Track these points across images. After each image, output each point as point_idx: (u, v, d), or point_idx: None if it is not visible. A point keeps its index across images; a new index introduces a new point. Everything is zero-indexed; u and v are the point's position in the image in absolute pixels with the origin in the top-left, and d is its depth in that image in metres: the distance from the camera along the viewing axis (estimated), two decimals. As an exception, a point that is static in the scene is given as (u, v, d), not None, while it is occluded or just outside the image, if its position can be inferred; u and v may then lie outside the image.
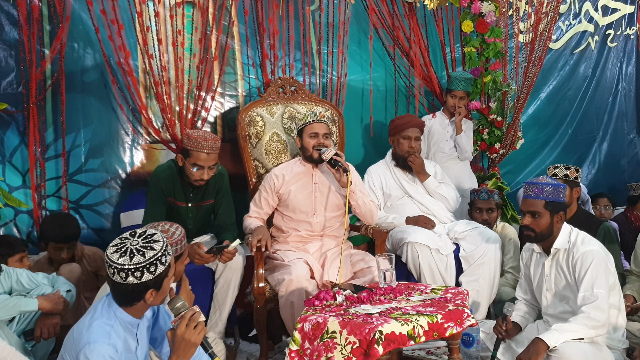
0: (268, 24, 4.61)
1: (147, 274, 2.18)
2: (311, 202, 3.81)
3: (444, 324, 2.73)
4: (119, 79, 4.28)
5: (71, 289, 3.29)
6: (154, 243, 2.22)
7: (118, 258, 2.17)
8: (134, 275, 2.17)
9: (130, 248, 2.18)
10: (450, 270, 3.96)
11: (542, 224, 3.14)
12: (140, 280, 2.18)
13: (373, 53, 5.04)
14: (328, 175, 3.81)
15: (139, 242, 2.20)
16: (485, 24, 5.06)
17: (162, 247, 2.22)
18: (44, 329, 3.00)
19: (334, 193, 3.84)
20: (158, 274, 2.21)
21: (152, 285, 2.22)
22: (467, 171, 4.96)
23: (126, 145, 4.41)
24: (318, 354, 2.64)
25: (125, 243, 2.20)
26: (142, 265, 2.17)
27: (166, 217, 3.68)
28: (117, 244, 2.21)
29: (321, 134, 3.78)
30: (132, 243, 2.20)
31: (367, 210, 3.84)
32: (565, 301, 3.18)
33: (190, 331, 2.21)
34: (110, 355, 2.15)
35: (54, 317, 3.10)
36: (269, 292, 3.63)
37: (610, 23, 6.34)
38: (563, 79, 6.08)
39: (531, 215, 3.15)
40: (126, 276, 2.17)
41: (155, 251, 2.20)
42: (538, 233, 3.16)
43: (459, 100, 4.85)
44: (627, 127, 6.51)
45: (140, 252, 2.18)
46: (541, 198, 3.13)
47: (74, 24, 4.19)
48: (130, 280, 2.18)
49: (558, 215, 3.16)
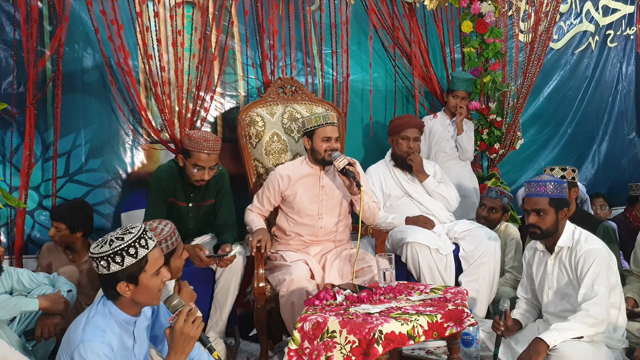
0: (268, 24, 4.61)
1: (113, 264, 2.17)
2: (317, 205, 3.79)
3: (444, 324, 2.74)
4: (118, 80, 4.29)
5: (72, 289, 3.29)
6: (127, 234, 2.20)
7: (94, 246, 2.20)
8: (101, 264, 2.19)
9: (107, 239, 2.20)
10: (450, 270, 3.96)
11: (548, 221, 3.15)
12: (109, 271, 2.18)
13: (373, 53, 5.05)
14: (335, 179, 3.79)
15: (117, 233, 2.21)
16: (485, 24, 5.06)
17: (131, 238, 2.19)
18: (44, 328, 3.00)
19: (340, 197, 3.83)
20: (127, 265, 2.18)
21: (122, 278, 2.19)
22: (468, 171, 4.96)
23: (126, 146, 4.42)
24: (317, 353, 2.65)
25: (109, 235, 2.22)
26: (107, 254, 2.16)
27: (167, 216, 3.69)
28: (101, 239, 2.23)
29: (333, 138, 3.75)
30: (111, 234, 2.22)
31: (371, 213, 3.82)
32: (566, 299, 3.19)
33: (189, 325, 2.22)
34: (105, 353, 2.14)
35: (55, 317, 3.10)
36: (269, 292, 3.64)
37: (610, 23, 6.34)
38: (563, 78, 6.08)
39: (536, 213, 3.16)
40: (97, 265, 2.20)
41: (122, 242, 2.18)
42: (544, 230, 3.17)
43: (460, 100, 4.86)
44: (627, 127, 6.52)
45: (110, 242, 2.18)
46: (545, 195, 3.15)
47: (74, 25, 4.21)
48: (101, 270, 2.20)
49: (562, 212, 3.17)
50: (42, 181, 4.21)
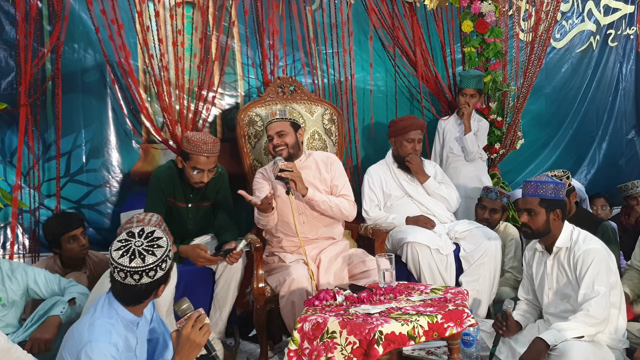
0: (268, 24, 4.61)
1: (160, 271, 2.24)
2: (289, 206, 3.59)
3: (444, 324, 2.73)
4: (119, 79, 4.29)
5: (76, 298, 3.22)
6: (159, 240, 2.27)
7: (129, 262, 2.20)
8: (149, 275, 2.22)
9: (138, 250, 2.22)
10: (450, 270, 3.96)
11: (538, 222, 3.17)
12: (154, 279, 2.24)
13: (373, 53, 5.04)
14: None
15: (144, 243, 2.24)
16: (485, 24, 5.06)
17: (166, 242, 2.28)
18: (34, 344, 2.97)
19: None
20: (168, 268, 2.28)
21: (163, 281, 2.29)
22: (477, 174, 4.85)
23: (127, 146, 4.42)
24: (317, 354, 2.64)
25: (130, 245, 2.22)
26: (156, 264, 2.23)
27: (166, 217, 3.68)
28: (121, 247, 2.23)
29: (274, 135, 3.66)
30: (136, 244, 2.23)
31: (336, 210, 3.66)
32: (566, 300, 3.19)
33: (196, 332, 2.25)
34: (112, 354, 2.16)
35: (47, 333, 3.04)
36: (268, 293, 3.63)
37: (611, 23, 6.33)
38: (565, 78, 6.08)
39: (527, 212, 3.19)
40: (140, 277, 2.21)
41: (164, 248, 2.26)
42: (535, 230, 3.20)
43: (469, 97, 4.83)
44: (626, 126, 6.51)
45: (149, 252, 2.23)
46: (536, 196, 3.18)
47: (74, 24, 4.20)
48: (145, 281, 2.22)
49: (554, 213, 3.17)
50: (43, 181, 4.20)
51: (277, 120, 3.70)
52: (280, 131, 3.67)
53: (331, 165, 3.82)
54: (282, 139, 3.66)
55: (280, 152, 3.64)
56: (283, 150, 3.65)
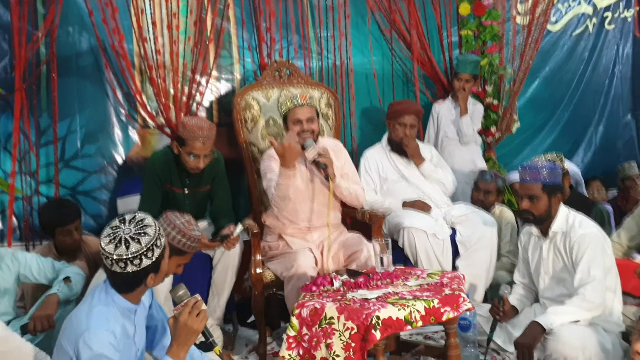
0: (264, 6, 4.57)
1: (145, 260, 2.19)
2: (301, 193, 3.61)
3: (441, 309, 2.74)
4: (113, 63, 4.25)
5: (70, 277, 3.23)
6: (147, 228, 2.21)
7: (114, 249, 2.17)
8: (133, 264, 2.18)
9: (124, 237, 2.18)
10: (447, 254, 3.97)
11: (541, 207, 3.17)
12: (140, 267, 2.19)
13: (370, 36, 5.01)
14: None
15: (132, 230, 2.19)
16: (483, 6, 5.03)
17: (155, 231, 2.23)
18: (37, 321, 2.97)
19: (321, 184, 3.70)
20: (156, 258, 2.22)
21: (151, 270, 2.24)
22: (471, 157, 4.86)
23: (122, 131, 4.38)
24: (317, 340, 2.65)
25: (118, 232, 2.19)
26: (140, 252, 2.17)
27: (162, 203, 3.68)
28: (109, 234, 2.20)
29: (304, 120, 3.64)
30: (124, 231, 2.19)
31: (354, 197, 3.75)
32: (562, 284, 3.21)
33: (193, 318, 2.23)
34: (110, 341, 2.15)
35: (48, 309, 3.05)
36: (267, 279, 3.63)
37: (608, 5, 6.29)
38: (561, 61, 6.05)
39: (529, 199, 3.18)
40: (125, 265, 2.18)
41: (150, 237, 2.20)
42: (537, 216, 3.19)
43: (464, 82, 4.81)
44: (623, 109, 6.50)
45: (135, 239, 2.17)
46: (538, 181, 3.16)
47: (68, 7, 4.14)
48: (130, 269, 2.19)
49: (556, 197, 3.18)
50: (38, 167, 4.17)
51: (307, 106, 3.68)
52: (311, 117, 3.65)
53: (340, 152, 3.84)
54: (310, 125, 3.64)
55: (307, 138, 3.61)
56: (309, 136, 3.63)
